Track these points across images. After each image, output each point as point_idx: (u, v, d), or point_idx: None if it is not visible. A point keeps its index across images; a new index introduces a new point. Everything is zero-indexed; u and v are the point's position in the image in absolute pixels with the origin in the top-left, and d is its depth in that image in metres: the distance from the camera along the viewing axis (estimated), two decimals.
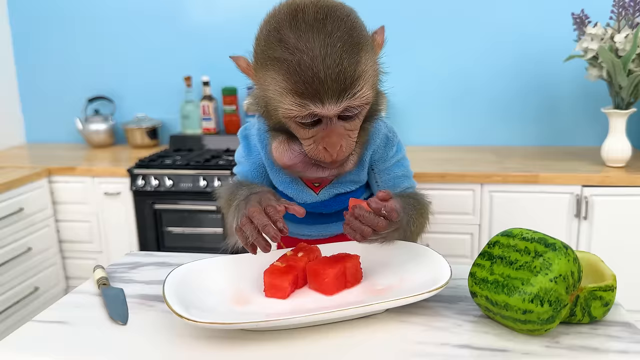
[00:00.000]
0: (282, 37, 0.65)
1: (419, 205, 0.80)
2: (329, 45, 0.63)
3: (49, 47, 2.26)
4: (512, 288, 0.58)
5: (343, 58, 0.64)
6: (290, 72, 0.64)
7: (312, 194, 0.85)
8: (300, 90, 0.64)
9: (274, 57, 0.65)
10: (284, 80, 0.65)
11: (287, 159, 0.74)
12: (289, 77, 0.64)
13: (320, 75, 0.63)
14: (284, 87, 0.65)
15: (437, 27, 1.93)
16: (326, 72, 0.63)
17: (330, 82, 0.63)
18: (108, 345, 0.61)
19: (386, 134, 0.84)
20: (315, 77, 0.63)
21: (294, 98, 0.65)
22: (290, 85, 0.64)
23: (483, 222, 1.62)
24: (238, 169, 0.89)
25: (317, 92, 0.64)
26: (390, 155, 0.85)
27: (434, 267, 0.69)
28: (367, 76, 0.67)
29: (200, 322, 0.57)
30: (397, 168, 0.86)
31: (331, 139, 0.68)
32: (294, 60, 0.63)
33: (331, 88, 0.64)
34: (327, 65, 0.63)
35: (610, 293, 0.63)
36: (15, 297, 1.77)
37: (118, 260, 0.87)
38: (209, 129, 2.11)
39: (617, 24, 1.49)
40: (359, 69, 0.65)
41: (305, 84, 0.63)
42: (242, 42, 2.40)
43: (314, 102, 0.64)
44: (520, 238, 0.62)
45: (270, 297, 0.67)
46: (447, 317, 0.65)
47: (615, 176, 1.52)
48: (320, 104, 0.65)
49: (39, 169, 1.85)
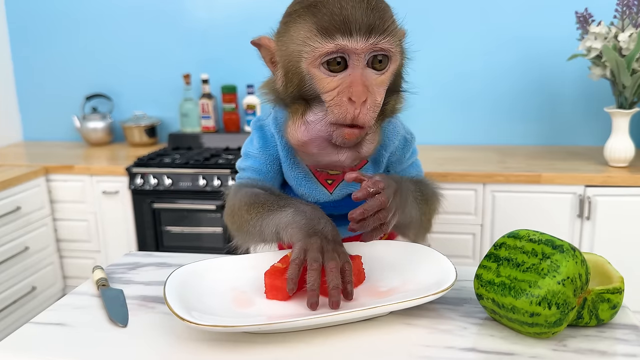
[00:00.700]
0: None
1: (425, 186, 0.79)
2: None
3: (46, 44, 2.24)
4: (519, 290, 0.58)
5: (379, 1, 0.64)
6: (317, 10, 0.63)
7: (325, 192, 0.82)
8: (327, 23, 0.62)
9: (301, 7, 0.65)
10: (311, 19, 0.63)
11: (302, 133, 0.67)
12: (315, 14, 0.63)
13: (348, 7, 0.62)
14: (310, 27, 0.63)
15: (439, 26, 1.92)
16: (355, 6, 0.62)
17: (359, 15, 0.62)
18: (108, 347, 0.60)
19: (404, 135, 0.83)
20: (343, 9, 0.62)
21: (321, 32, 0.63)
22: (317, 20, 0.63)
23: (485, 222, 1.61)
24: (247, 163, 0.83)
25: (345, 23, 0.62)
26: (407, 157, 0.85)
27: (438, 268, 0.68)
28: (395, 29, 0.65)
29: (202, 325, 0.56)
30: (412, 169, 0.87)
31: (357, 88, 0.63)
32: (321, 3, 0.63)
33: (361, 19, 0.62)
34: (356, 1, 0.62)
35: (618, 295, 0.62)
36: (13, 297, 1.76)
37: (117, 261, 0.86)
38: (208, 128, 2.10)
39: (621, 23, 1.48)
40: (388, 16, 0.65)
41: (334, 15, 0.62)
42: (242, 40, 2.40)
43: (342, 33, 0.62)
44: (527, 240, 0.61)
45: (272, 298, 0.65)
46: (452, 320, 0.64)
47: (619, 176, 1.51)
48: (348, 36, 0.62)
49: (37, 168, 1.83)
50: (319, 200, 0.83)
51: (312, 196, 0.82)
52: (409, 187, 0.74)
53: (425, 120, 2.00)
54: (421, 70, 1.63)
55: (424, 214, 0.78)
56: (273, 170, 0.82)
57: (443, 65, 1.95)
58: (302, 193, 0.83)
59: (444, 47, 1.93)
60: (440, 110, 1.99)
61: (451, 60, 1.94)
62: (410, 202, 0.73)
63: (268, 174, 0.81)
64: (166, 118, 2.23)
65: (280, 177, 0.84)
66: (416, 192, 0.77)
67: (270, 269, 0.67)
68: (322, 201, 0.83)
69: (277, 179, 0.83)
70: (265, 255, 0.74)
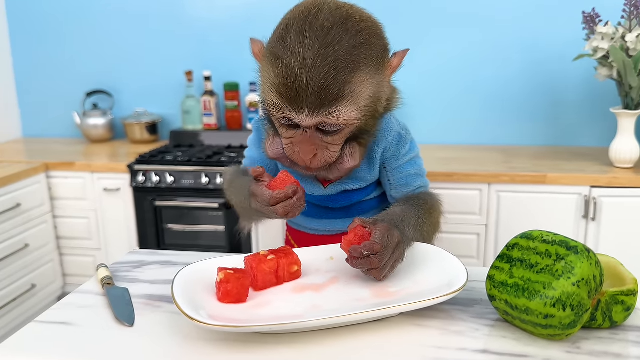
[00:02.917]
0: (285, 34, 0.66)
1: (424, 211, 0.78)
2: (322, 56, 0.63)
3: (46, 40, 2.22)
4: (533, 292, 0.57)
5: (330, 74, 0.64)
6: (278, 72, 0.65)
7: (320, 187, 0.85)
8: (281, 92, 0.66)
9: (273, 52, 0.67)
10: (273, 77, 0.66)
11: (271, 151, 0.76)
12: (277, 75, 0.66)
13: (302, 84, 0.64)
14: (271, 82, 0.67)
15: (445, 26, 1.91)
16: (308, 83, 0.64)
17: (309, 94, 0.64)
18: (115, 347, 0.59)
19: (399, 131, 0.83)
20: (296, 84, 0.64)
21: (275, 97, 0.67)
22: (276, 84, 0.66)
23: (490, 222, 1.60)
24: (249, 153, 0.90)
25: (295, 99, 0.65)
26: (402, 154, 0.84)
27: (449, 269, 0.68)
28: (355, 97, 0.66)
29: (212, 325, 0.55)
30: (410, 166, 0.85)
31: (304, 146, 0.69)
32: (284, 61, 0.65)
33: (309, 100, 0.65)
34: (311, 76, 0.63)
35: (632, 297, 0.61)
36: (12, 295, 1.74)
37: (121, 259, 0.85)
38: (210, 125, 2.09)
39: (629, 23, 1.47)
40: (346, 89, 0.65)
41: (287, 87, 0.65)
42: (245, 37, 2.39)
43: (291, 107, 0.66)
44: (540, 240, 0.60)
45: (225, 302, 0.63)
46: (463, 321, 0.63)
47: (624, 177, 1.50)
48: (296, 112, 0.66)
49: (37, 164, 1.82)
50: (313, 194, 0.86)
51: (308, 189, 0.86)
52: (411, 222, 0.75)
53: (431, 120, 1.99)
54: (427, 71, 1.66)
55: (427, 234, 0.79)
56: (269, 161, 0.87)
57: (449, 66, 1.94)
58: None
59: (450, 48, 1.93)
60: (446, 111, 1.98)
61: (457, 62, 1.93)
62: (413, 236, 0.74)
63: (265, 166, 0.87)
64: (167, 115, 2.22)
65: (275, 171, 0.89)
66: (419, 220, 0.77)
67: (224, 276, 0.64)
68: (317, 194, 0.86)
69: (273, 168, 0.89)
70: None
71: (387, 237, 0.66)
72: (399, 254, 0.68)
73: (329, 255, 0.74)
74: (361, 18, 0.68)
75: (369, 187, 0.87)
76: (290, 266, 0.69)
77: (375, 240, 0.65)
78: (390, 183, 0.85)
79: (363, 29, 0.67)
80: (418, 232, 0.76)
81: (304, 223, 0.90)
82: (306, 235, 0.92)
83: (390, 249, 0.66)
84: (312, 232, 0.91)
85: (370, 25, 0.68)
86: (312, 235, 0.91)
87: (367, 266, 0.65)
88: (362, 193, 0.86)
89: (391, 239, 0.66)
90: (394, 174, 0.84)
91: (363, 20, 0.68)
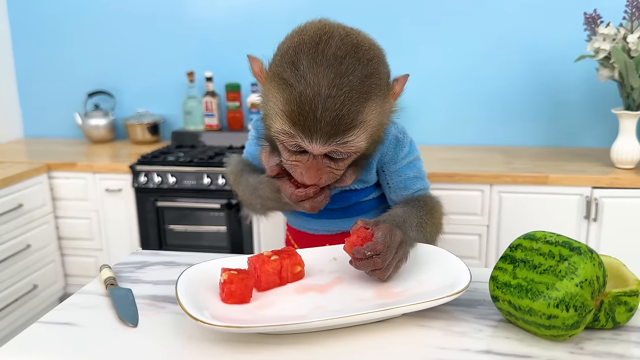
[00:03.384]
0: (296, 60, 0.65)
1: (426, 212, 0.79)
2: (336, 87, 0.63)
3: (48, 40, 2.23)
4: (536, 292, 0.57)
5: (345, 104, 0.64)
6: (290, 99, 0.65)
7: None
8: (294, 120, 0.65)
9: (282, 77, 0.66)
10: (283, 103, 0.66)
11: (269, 169, 0.76)
12: (288, 102, 0.65)
13: (316, 114, 0.64)
14: (281, 109, 0.66)
15: (447, 27, 1.92)
16: (323, 113, 0.63)
17: (323, 124, 0.64)
18: (119, 348, 0.59)
19: (396, 135, 0.83)
20: (311, 113, 0.64)
21: (286, 124, 0.66)
22: (287, 111, 0.65)
23: (491, 223, 1.60)
24: (249, 148, 0.91)
25: (308, 128, 0.65)
26: (401, 157, 0.84)
27: (451, 270, 0.68)
28: (365, 126, 0.67)
29: (216, 326, 0.55)
30: (409, 169, 0.85)
31: (310, 172, 0.70)
32: (298, 88, 0.64)
33: (323, 129, 0.64)
34: (326, 106, 0.63)
35: (635, 298, 0.61)
36: (14, 295, 1.75)
37: (124, 260, 0.85)
38: (211, 126, 2.09)
39: (630, 24, 1.47)
40: (358, 119, 0.65)
41: (300, 115, 0.64)
42: (246, 38, 2.38)
43: (303, 135, 0.66)
44: (543, 241, 0.60)
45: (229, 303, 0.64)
46: (466, 322, 0.63)
47: (625, 178, 1.51)
48: (308, 140, 0.66)
49: (39, 165, 1.82)
50: None
51: None
52: (413, 223, 0.75)
53: (433, 121, 1.99)
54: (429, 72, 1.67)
55: (429, 234, 0.79)
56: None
57: (452, 67, 1.94)
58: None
59: (452, 50, 1.93)
60: (447, 112, 1.98)
61: (459, 63, 1.94)
62: (415, 236, 0.75)
63: (259, 165, 0.87)
64: (169, 116, 2.22)
65: None
66: (420, 221, 0.77)
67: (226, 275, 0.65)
68: None
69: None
70: None
71: (389, 237, 0.66)
72: (402, 254, 0.68)
73: (332, 256, 0.75)
74: (370, 46, 0.68)
75: (368, 188, 0.87)
76: (294, 267, 0.69)
77: (377, 240, 0.65)
78: (390, 186, 0.86)
79: (372, 57, 0.67)
80: (420, 232, 0.76)
81: (303, 223, 0.91)
82: (306, 234, 0.92)
83: (393, 249, 0.66)
84: (311, 232, 0.91)
85: (377, 54, 0.69)
86: (312, 235, 0.91)
87: (370, 267, 0.65)
88: (361, 194, 0.86)
89: (393, 238, 0.67)
90: (392, 177, 0.85)
91: (371, 48, 0.68)
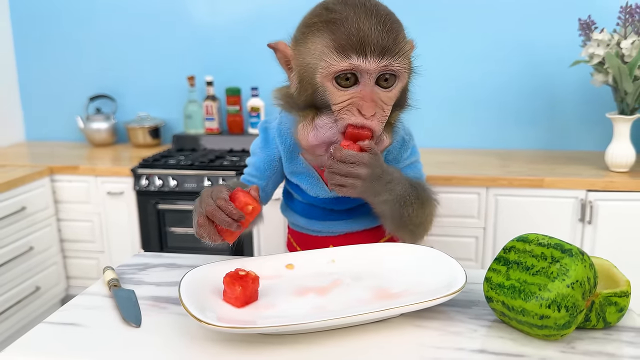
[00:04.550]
0: (329, 7, 0.69)
1: (423, 191, 0.80)
2: (374, 11, 0.67)
3: (50, 44, 2.24)
4: (529, 293, 0.59)
5: (387, 22, 0.67)
6: (336, 27, 0.67)
7: (325, 188, 0.86)
8: (344, 42, 0.66)
9: (320, 21, 0.69)
10: (329, 35, 0.67)
11: (312, 137, 0.72)
12: (334, 31, 0.67)
13: (365, 29, 0.66)
14: (327, 42, 0.67)
15: (442, 30, 1.94)
16: (371, 28, 0.66)
17: (374, 37, 0.66)
18: (123, 348, 0.61)
19: (402, 135, 0.85)
20: (360, 30, 0.66)
21: (337, 50, 0.67)
22: (335, 38, 0.67)
23: (488, 225, 1.62)
24: (251, 160, 0.91)
25: (361, 43, 0.66)
26: (404, 157, 0.86)
27: (447, 271, 0.69)
28: (405, 50, 0.70)
29: (219, 326, 0.56)
30: (410, 170, 0.87)
31: (367, 103, 0.69)
32: (340, 17, 0.67)
33: (376, 42, 0.66)
34: (372, 23, 0.66)
35: (625, 299, 0.63)
36: (17, 297, 1.76)
37: (127, 261, 0.86)
38: (211, 129, 2.11)
39: (624, 30, 1.49)
40: (400, 38, 0.69)
41: (350, 35, 0.66)
42: (247, 42, 2.39)
43: (357, 53, 0.66)
44: (536, 243, 0.62)
45: (227, 302, 0.65)
46: (461, 322, 0.65)
47: (620, 181, 1.52)
48: (363, 57, 0.66)
49: (42, 168, 1.84)
50: (319, 196, 0.87)
51: (313, 191, 0.87)
52: (405, 186, 0.77)
53: (430, 125, 2.01)
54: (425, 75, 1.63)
55: (418, 217, 0.80)
56: (270, 168, 0.88)
57: (447, 70, 1.96)
58: (304, 188, 0.87)
59: (448, 52, 1.95)
60: (444, 115, 2.00)
61: (455, 66, 1.96)
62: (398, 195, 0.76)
63: (265, 171, 0.88)
64: (170, 119, 2.24)
65: (279, 175, 0.90)
66: (412, 193, 0.78)
67: (227, 276, 0.66)
68: (321, 197, 0.87)
69: (274, 176, 0.90)
70: (274, 257, 0.75)
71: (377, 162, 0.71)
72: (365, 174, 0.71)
73: (330, 258, 0.76)
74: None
75: None
76: (245, 207, 0.69)
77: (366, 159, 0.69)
78: None
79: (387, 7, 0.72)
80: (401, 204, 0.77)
81: (306, 225, 0.91)
82: (308, 237, 0.93)
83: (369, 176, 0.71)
84: (314, 234, 0.92)
85: None
86: (315, 237, 0.92)
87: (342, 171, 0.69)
88: None
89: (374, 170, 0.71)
90: None
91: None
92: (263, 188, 0.90)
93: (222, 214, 0.68)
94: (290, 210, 0.94)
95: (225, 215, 0.68)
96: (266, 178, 0.89)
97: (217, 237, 0.71)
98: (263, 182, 0.89)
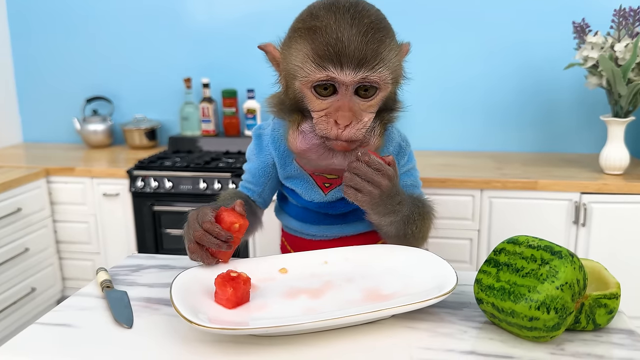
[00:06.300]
0: (313, 12, 0.68)
1: (423, 206, 0.81)
2: (358, 19, 0.66)
3: (47, 46, 2.25)
4: (518, 295, 0.59)
5: (369, 32, 0.66)
6: (315, 36, 0.66)
7: (320, 193, 0.86)
8: (321, 52, 0.66)
9: (303, 27, 0.68)
10: (309, 44, 0.67)
11: (300, 142, 0.73)
12: (313, 40, 0.67)
13: (343, 40, 0.65)
14: (306, 51, 0.67)
15: (437, 33, 1.95)
16: (350, 39, 0.65)
17: (352, 48, 0.65)
18: (114, 348, 0.61)
19: (399, 142, 0.85)
20: (338, 40, 0.65)
21: (314, 60, 0.67)
22: (314, 47, 0.67)
23: (482, 227, 1.62)
24: (247, 166, 0.92)
25: (338, 55, 0.66)
26: (401, 164, 0.86)
27: (439, 272, 0.69)
28: (388, 60, 0.68)
29: (209, 328, 0.56)
30: (407, 177, 0.87)
31: (343, 112, 0.68)
32: (321, 25, 0.66)
33: (352, 54, 0.66)
34: (352, 33, 0.65)
35: (614, 301, 0.63)
36: (12, 298, 1.75)
37: (120, 263, 0.86)
38: (208, 131, 2.11)
39: (618, 33, 1.50)
40: (382, 48, 0.67)
41: (328, 45, 0.65)
42: (243, 44, 2.40)
43: (333, 65, 0.66)
44: (526, 245, 0.62)
45: (218, 303, 0.65)
46: (452, 323, 0.65)
47: (613, 184, 1.53)
48: (339, 68, 0.66)
49: (38, 169, 1.84)
50: (314, 200, 0.87)
51: (308, 196, 0.87)
52: (409, 205, 0.77)
53: (424, 127, 2.02)
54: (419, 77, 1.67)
55: (420, 232, 0.81)
56: (265, 174, 0.89)
57: (441, 72, 1.97)
58: (299, 192, 0.87)
59: (442, 55, 1.96)
60: (438, 117, 2.01)
61: (449, 68, 1.96)
62: (404, 215, 0.76)
63: (260, 178, 0.89)
64: (166, 121, 2.24)
65: (274, 180, 0.90)
66: (414, 209, 0.79)
67: (218, 278, 0.66)
68: (316, 201, 0.87)
69: (270, 181, 0.90)
70: (267, 259, 0.76)
71: (394, 176, 0.71)
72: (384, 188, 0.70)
73: (323, 260, 0.76)
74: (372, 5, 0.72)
75: None
76: (232, 226, 0.70)
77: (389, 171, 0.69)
78: None
79: (378, 11, 0.71)
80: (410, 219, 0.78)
81: (300, 228, 0.92)
82: (302, 240, 0.93)
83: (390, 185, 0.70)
84: (308, 238, 0.92)
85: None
86: (309, 241, 0.92)
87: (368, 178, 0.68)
88: None
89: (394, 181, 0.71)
90: None
91: (374, 7, 0.72)
92: (260, 194, 0.90)
93: (210, 237, 0.69)
94: (285, 213, 0.95)
95: (214, 238, 0.69)
96: (262, 184, 0.90)
97: (211, 260, 0.71)
98: (259, 188, 0.90)
